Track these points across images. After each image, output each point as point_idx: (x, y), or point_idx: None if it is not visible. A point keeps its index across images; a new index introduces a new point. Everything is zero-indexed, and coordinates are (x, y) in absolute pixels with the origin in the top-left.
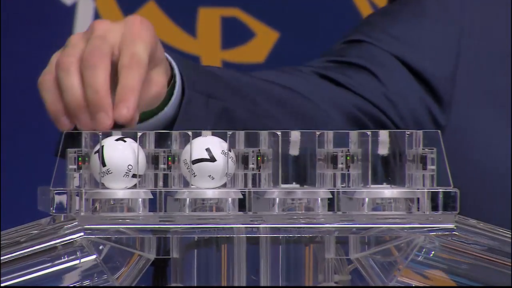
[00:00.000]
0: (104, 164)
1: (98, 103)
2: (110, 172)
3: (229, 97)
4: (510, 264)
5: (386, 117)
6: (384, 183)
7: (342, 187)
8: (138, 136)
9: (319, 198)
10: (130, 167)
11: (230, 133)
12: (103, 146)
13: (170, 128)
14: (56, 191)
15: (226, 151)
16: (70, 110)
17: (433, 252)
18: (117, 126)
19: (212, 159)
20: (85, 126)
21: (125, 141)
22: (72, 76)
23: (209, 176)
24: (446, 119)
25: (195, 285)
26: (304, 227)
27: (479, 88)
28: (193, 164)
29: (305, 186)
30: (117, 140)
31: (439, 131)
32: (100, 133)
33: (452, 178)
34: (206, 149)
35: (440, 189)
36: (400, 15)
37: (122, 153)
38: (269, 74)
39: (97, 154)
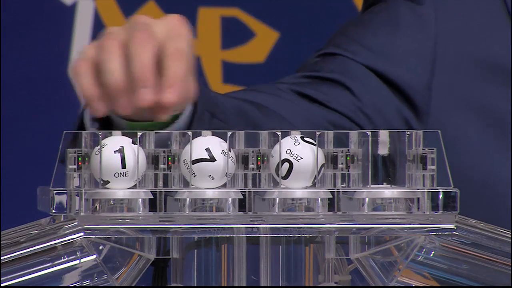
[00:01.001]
0: (124, 166)
1: (143, 78)
2: (127, 174)
3: (224, 119)
4: (510, 264)
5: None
6: (384, 183)
7: (342, 187)
8: (138, 136)
9: (319, 198)
10: (143, 173)
11: (230, 133)
12: (123, 146)
13: None
14: (56, 191)
15: (226, 151)
16: (110, 92)
17: (433, 252)
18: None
19: (212, 159)
20: (122, 109)
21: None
22: (115, 58)
23: (209, 176)
24: (423, 128)
25: (195, 285)
26: (304, 227)
27: (455, 95)
28: (193, 164)
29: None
30: (133, 143)
31: (439, 131)
32: (100, 133)
33: None
34: (206, 149)
35: (440, 189)
36: (374, 25)
37: (141, 159)
38: (247, 93)
39: (114, 153)
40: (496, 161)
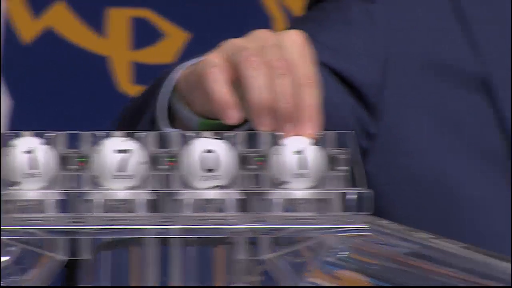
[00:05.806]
0: (33, 167)
1: (288, 110)
2: (37, 175)
3: None
4: (421, 266)
5: None
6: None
7: (255, 187)
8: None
9: (231, 199)
10: (54, 173)
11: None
12: (33, 147)
13: None
14: None
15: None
16: (255, 109)
17: (345, 253)
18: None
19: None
20: (263, 126)
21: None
22: (262, 77)
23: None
24: (376, 127)
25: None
26: (214, 228)
27: (407, 95)
28: None
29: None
30: (45, 144)
31: (353, 131)
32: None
33: (385, 186)
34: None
35: (353, 189)
36: (327, 23)
37: (52, 159)
38: None
39: (23, 154)
40: (449, 161)
